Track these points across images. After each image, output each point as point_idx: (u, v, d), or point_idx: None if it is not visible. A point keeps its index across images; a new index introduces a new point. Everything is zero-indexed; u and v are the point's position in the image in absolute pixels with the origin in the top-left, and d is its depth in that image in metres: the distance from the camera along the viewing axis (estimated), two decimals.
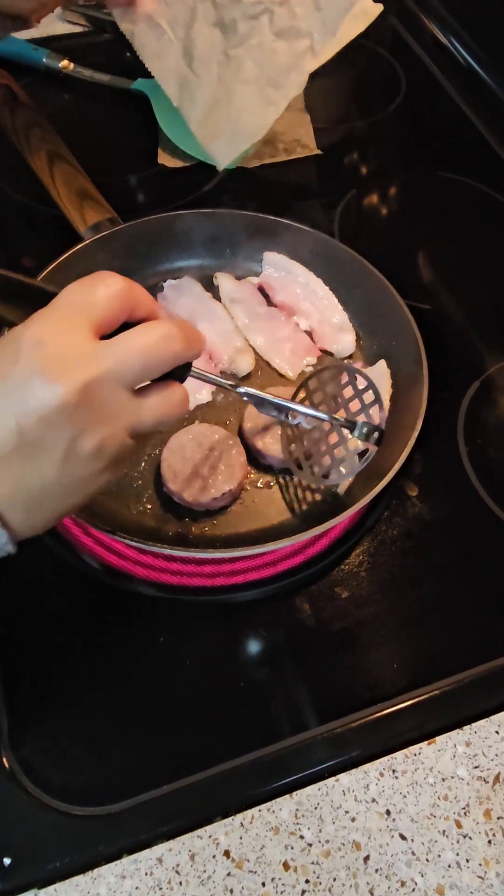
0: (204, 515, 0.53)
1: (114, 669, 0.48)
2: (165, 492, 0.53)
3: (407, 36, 0.95)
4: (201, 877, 0.41)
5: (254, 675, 0.48)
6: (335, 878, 0.42)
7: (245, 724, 0.46)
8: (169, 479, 0.52)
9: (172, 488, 0.52)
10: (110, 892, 0.41)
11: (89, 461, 0.34)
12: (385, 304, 0.62)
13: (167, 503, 0.53)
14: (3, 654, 0.47)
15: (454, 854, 0.42)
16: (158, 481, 0.54)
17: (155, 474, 0.55)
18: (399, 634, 0.50)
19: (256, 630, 0.50)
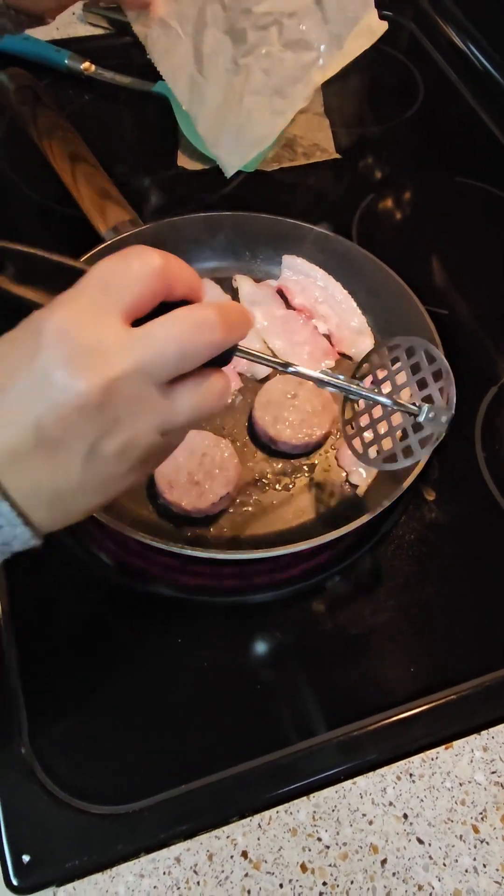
0: (219, 517, 0.53)
1: (132, 670, 0.48)
2: (161, 502, 0.53)
3: (424, 41, 0.95)
4: (219, 877, 0.41)
5: (270, 678, 0.48)
6: (352, 880, 0.42)
7: (262, 726, 0.46)
8: (165, 490, 0.52)
9: (169, 498, 0.52)
10: (129, 890, 0.41)
11: (114, 462, 0.32)
12: (403, 308, 0.62)
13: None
14: (23, 654, 0.48)
15: (471, 859, 0.42)
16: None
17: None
18: (415, 639, 0.50)
19: (273, 633, 0.50)
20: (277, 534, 0.54)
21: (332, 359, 0.63)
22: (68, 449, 0.31)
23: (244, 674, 0.48)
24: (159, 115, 0.81)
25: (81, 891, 0.41)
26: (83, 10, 0.90)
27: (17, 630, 0.48)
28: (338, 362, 0.63)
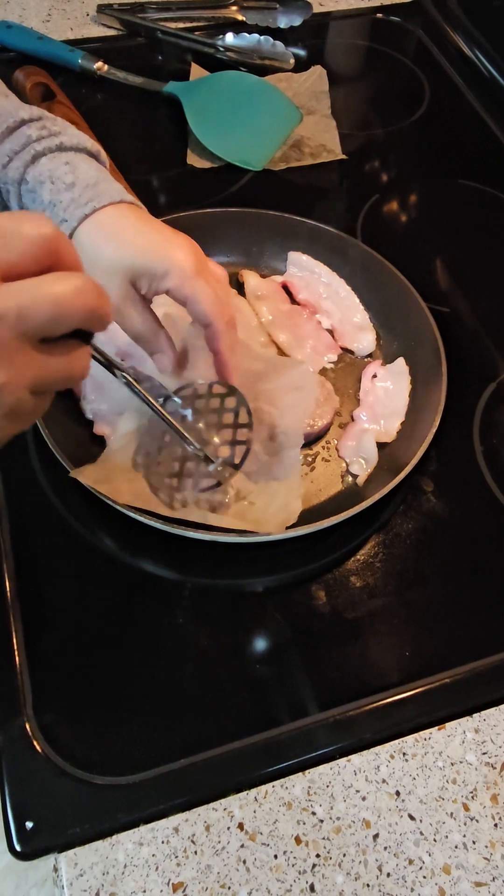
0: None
1: (135, 646, 0.49)
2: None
3: (431, 47, 0.97)
4: (216, 847, 0.43)
5: (270, 658, 0.49)
6: (345, 853, 0.43)
7: (260, 705, 0.48)
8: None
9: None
10: (128, 857, 0.42)
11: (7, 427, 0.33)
12: (405, 305, 0.64)
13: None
14: (27, 627, 0.49)
15: (461, 836, 0.44)
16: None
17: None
18: (411, 624, 0.52)
19: (273, 615, 0.51)
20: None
21: (334, 353, 0.64)
22: None
23: (244, 653, 0.49)
24: (170, 114, 0.82)
25: (82, 857, 0.42)
26: (97, 11, 0.92)
27: (22, 604, 0.50)
28: (340, 356, 0.65)
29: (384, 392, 0.62)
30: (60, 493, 0.55)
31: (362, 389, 0.62)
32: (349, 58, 0.96)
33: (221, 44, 0.88)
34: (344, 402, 0.62)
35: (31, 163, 0.49)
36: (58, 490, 0.55)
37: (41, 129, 0.50)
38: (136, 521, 0.50)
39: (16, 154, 0.49)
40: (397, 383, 0.62)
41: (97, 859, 0.42)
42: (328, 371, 0.64)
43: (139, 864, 0.42)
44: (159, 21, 0.90)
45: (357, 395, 0.62)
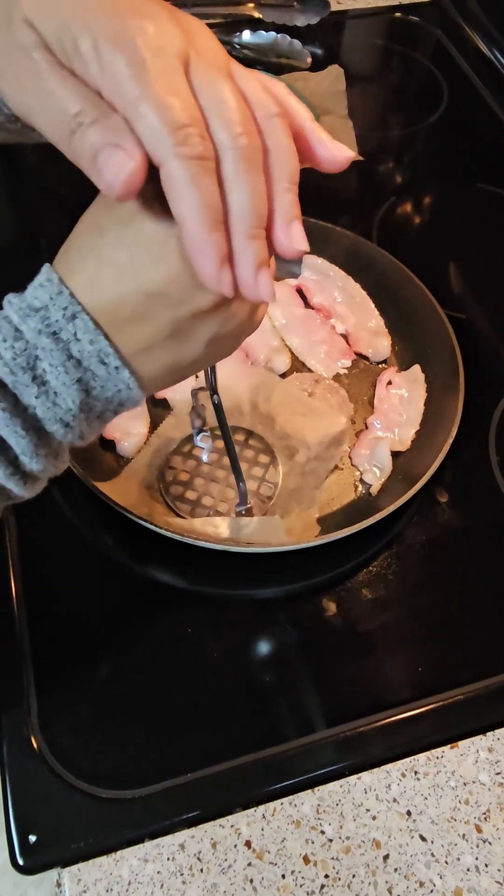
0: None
1: (143, 657, 0.48)
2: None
3: (450, 47, 0.95)
4: (222, 865, 0.42)
5: (279, 671, 0.48)
6: (354, 874, 0.42)
7: (269, 719, 0.47)
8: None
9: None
10: (133, 874, 0.41)
11: (230, 342, 0.35)
12: (422, 310, 0.63)
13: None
14: (34, 639, 0.48)
15: (473, 858, 0.43)
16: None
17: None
18: (424, 638, 0.51)
19: (283, 626, 0.50)
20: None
21: (348, 358, 0.63)
22: (195, 338, 0.33)
23: (254, 666, 0.48)
24: None
25: (86, 872, 0.41)
26: None
27: (29, 614, 0.49)
28: (354, 362, 0.63)
29: (399, 399, 0.60)
30: (69, 498, 0.54)
31: (377, 396, 0.61)
32: (367, 57, 0.95)
33: (238, 41, 0.87)
34: (358, 409, 0.61)
35: None
36: (66, 495, 0.54)
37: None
38: (145, 529, 0.49)
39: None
40: (413, 391, 0.61)
41: (101, 875, 0.41)
42: (342, 377, 0.63)
43: (144, 882, 0.41)
44: None
45: (371, 403, 0.61)
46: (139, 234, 0.31)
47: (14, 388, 0.31)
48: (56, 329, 0.31)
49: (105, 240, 0.32)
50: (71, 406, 0.32)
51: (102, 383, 0.33)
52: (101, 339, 0.32)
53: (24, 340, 0.31)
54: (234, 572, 0.52)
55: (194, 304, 0.32)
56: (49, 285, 0.32)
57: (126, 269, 0.31)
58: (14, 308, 0.32)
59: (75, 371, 0.32)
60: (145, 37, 0.28)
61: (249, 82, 0.31)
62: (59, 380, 0.31)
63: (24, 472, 0.33)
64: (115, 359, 0.32)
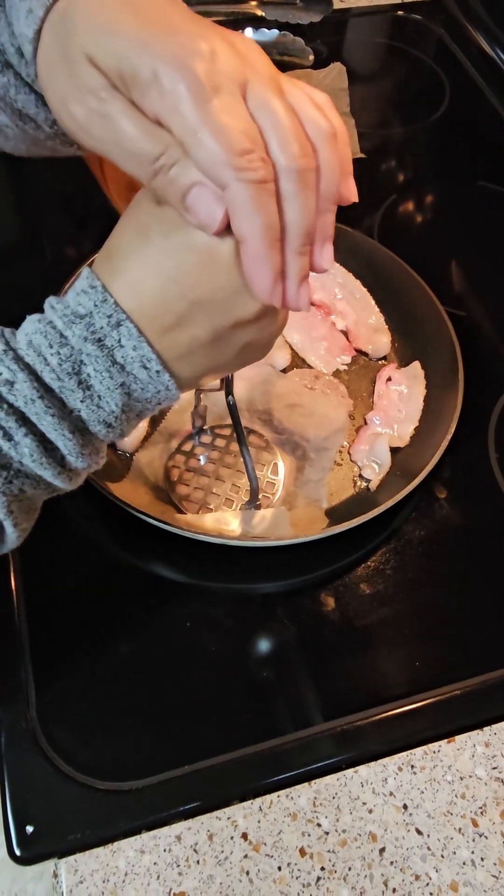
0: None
1: (141, 650, 0.49)
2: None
3: (453, 45, 0.95)
4: (218, 857, 0.42)
5: (277, 665, 0.49)
6: (350, 867, 0.42)
7: (267, 712, 0.47)
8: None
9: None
10: (129, 865, 0.41)
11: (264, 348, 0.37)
12: (422, 307, 0.63)
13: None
14: (33, 631, 0.48)
15: (469, 852, 0.43)
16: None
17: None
18: (422, 634, 0.51)
19: (281, 621, 0.51)
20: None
21: (348, 355, 0.63)
22: (233, 345, 0.34)
23: (252, 660, 0.49)
24: None
25: (83, 863, 0.41)
26: None
27: (28, 606, 0.49)
28: (354, 358, 0.64)
29: (398, 396, 0.61)
30: (68, 493, 0.54)
31: (376, 393, 0.61)
32: (369, 55, 0.95)
33: None
34: (357, 406, 0.61)
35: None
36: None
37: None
38: (144, 523, 0.49)
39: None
40: (412, 387, 0.61)
41: (98, 866, 0.41)
42: (342, 373, 0.63)
43: (140, 873, 0.41)
44: None
45: (371, 399, 0.61)
46: (188, 243, 0.31)
47: (60, 392, 0.32)
48: (101, 336, 0.32)
49: (151, 245, 0.32)
50: (114, 409, 0.33)
51: (143, 386, 0.33)
52: (144, 345, 0.32)
53: (70, 346, 0.32)
54: (233, 567, 0.52)
55: (238, 314, 0.33)
56: (93, 292, 0.32)
57: (173, 277, 0.32)
58: (58, 314, 0.32)
59: (119, 376, 0.32)
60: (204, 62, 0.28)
61: (299, 98, 0.31)
62: (103, 384, 0.32)
63: (70, 470, 0.34)
64: (156, 363, 0.33)
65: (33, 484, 0.34)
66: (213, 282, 0.32)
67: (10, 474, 0.33)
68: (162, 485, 0.55)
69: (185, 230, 0.31)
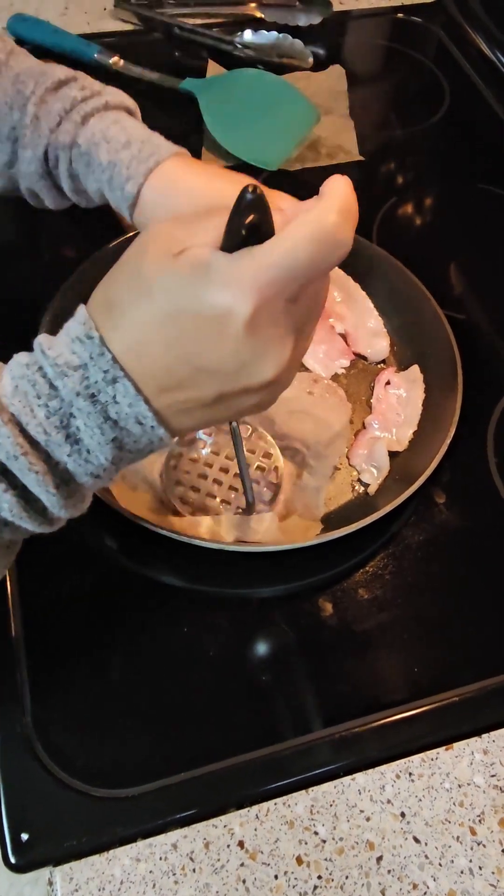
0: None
1: (137, 656, 0.48)
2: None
3: (452, 48, 0.95)
4: (215, 865, 0.42)
5: (275, 671, 0.48)
6: (347, 875, 0.42)
7: (264, 719, 0.46)
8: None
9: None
10: (125, 873, 0.41)
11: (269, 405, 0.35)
12: (421, 311, 0.62)
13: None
14: (28, 636, 0.48)
15: (467, 860, 0.42)
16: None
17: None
18: (420, 639, 0.50)
19: (279, 626, 0.50)
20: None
21: (347, 358, 0.63)
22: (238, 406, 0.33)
23: (249, 665, 0.48)
24: (185, 111, 0.81)
25: (78, 872, 0.41)
26: (114, 5, 0.90)
27: (24, 612, 0.49)
28: (353, 362, 0.63)
29: (397, 400, 0.60)
30: None
31: (375, 396, 0.61)
32: (368, 58, 0.94)
33: (239, 41, 0.87)
34: (356, 410, 0.61)
35: (81, 124, 0.47)
36: None
37: (83, 90, 0.49)
38: (142, 528, 0.49)
39: (65, 115, 0.47)
40: (411, 391, 0.60)
41: (93, 874, 0.41)
42: (340, 377, 0.62)
43: (136, 881, 0.41)
44: (177, 16, 0.89)
45: (369, 403, 0.61)
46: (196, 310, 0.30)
47: (46, 445, 0.31)
48: (95, 391, 0.30)
49: (155, 306, 0.30)
50: (104, 462, 0.32)
51: (136, 439, 0.32)
52: (140, 403, 0.31)
53: (60, 399, 0.30)
54: (231, 571, 0.52)
55: (247, 382, 0.31)
56: (90, 343, 0.30)
57: (177, 342, 0.30)
58: (49, 361, 0.30)
59: (111, 431, 0.31)
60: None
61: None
62: (93, 440, 0.31)
63: (51, 520, 0.34)
64: (152, 420, 0.31)
65: (12, 531, 0.33)
66: (221, 351, 0.30)
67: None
68: (158, 484, 0.54)
69: (192, 294, 0.29)
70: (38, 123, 0.48)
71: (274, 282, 0.29)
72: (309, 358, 0.63)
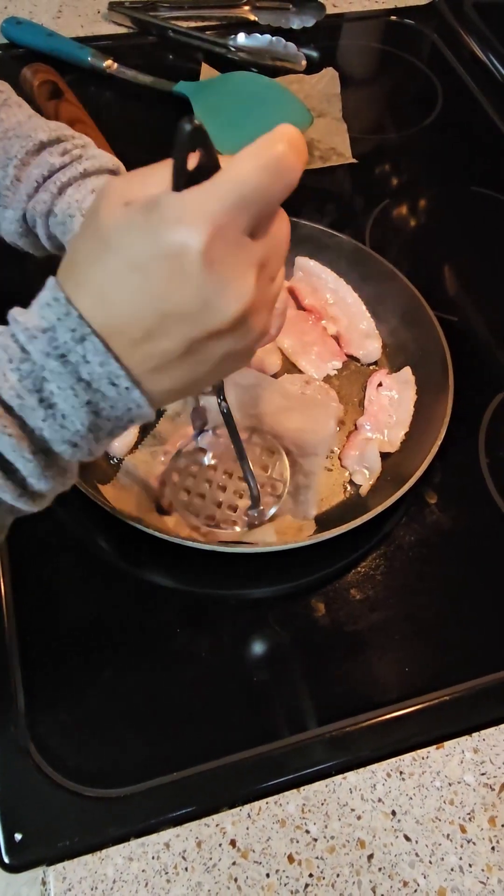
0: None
1: (130, 656, 0.49)
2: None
3: (445, 50, 0.96)
4: (207, 864, 0.42)
5: (267, 671, 0.49)
6: (338, 874, 0.42)
7: (256, 719, 0.47)
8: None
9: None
10: (117, 873, 0.41)
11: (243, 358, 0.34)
12: (413, 313, 0.63)
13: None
14: (23, 636, 0.48)
15: (457, 858, 0.43)
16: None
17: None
18: (411, 639, 0.51)
19: (271, 627, 0.51)
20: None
21: (339, 360, 0.63)
22: (210, 355, 0.32)
23: (241, 666, 0.49)
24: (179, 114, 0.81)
25: (71, 871, 0.41)
26: (108, 8, 0.91)
27: (17, 612, 0.49)
28: (345, 364, 0.64)
29: (389, 401, 0.61)
30: (58, 497, 0.54)
31: (367, 398, 0.61)
32: (362, 60, 0.95)
33: (233, 44, 0.87)
34: (348, 411, 0.61)
35: (57, 195, 0.48)
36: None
37: (63, 155, 0.48)
38: (134, 529, 0.49)
39: (42, 183, 0.48)
40: (403, 392, 0.61)
41: (86, 874, 0.41)
42: (332, 378, 0.63)
43: (128, 880, 0.41)
44: (171, 20, 0.90)
45: (361, 404, 0.61)
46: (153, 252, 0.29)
47: (20, 410, 0.31)
48: (64, 351, 0.30)
49: (114, 254, 0.30)
50: (79, 427, 0.32)
51: (112, 404, 0.32)
52: (111, 361, 0.30)
53: (31, 362, 0.30)
54: (223, 572, 0.52)
55: (211, 323, 0.31)
56: (56, 305, 0.30)
57: (140, 288, 0.30)
58: (20, 327, 0.31)
59: (84, 394, 0.31)
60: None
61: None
62: (67, 403, 0.31)
63: (32, 493, 0.33)
64: (125, 380, 0.31)
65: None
66: (182, 291, 0.30)
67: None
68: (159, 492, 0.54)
69: (146, 237, 0.29)
70: (18, 186, 0.48)
71: (224, 211, 0.29)
72: (301, 359, 0.63)
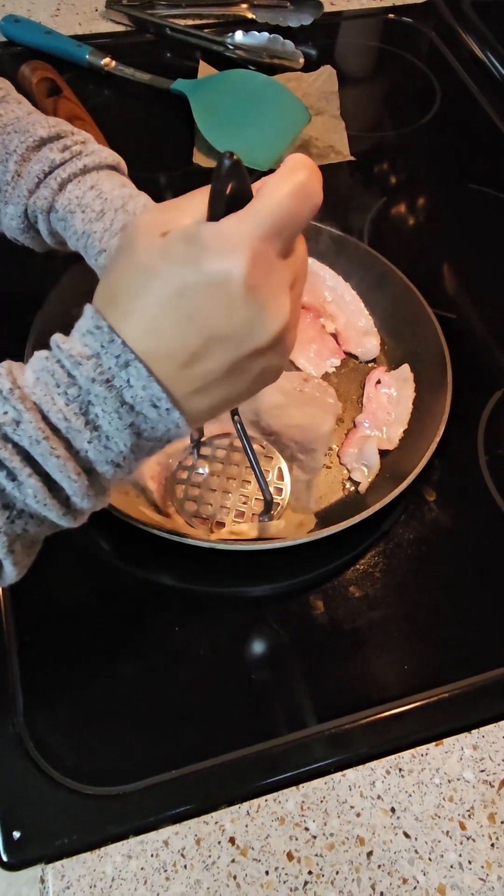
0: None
1: (129, 654, 0.48)
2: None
3: (443, 48, 0.96)
4: (206, 862, 0.42)
5: (265, 669, 0.49)
6: (338, 871, 0.42)
7: (254, 716, 0.47)
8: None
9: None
10: (116, 870, 0.41)
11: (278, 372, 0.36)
12: (411, 310, 0.63)
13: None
14: (21, 634, 0.48)
15: (457, 855, 0.43)
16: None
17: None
18: (410, 637, 0.51)
19: (270, 624, 0.51)
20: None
21: (337, 357, 0.63)
22: (249, 374, 0.34)
23: (240, 664, 0.49)
24: (176, 112, 0.81)
25: (70, 869, 0.41)
26: (106, 6, 0.91)
27: (16, 610, 0.49)
28: (343, 361, 0.64)
29: (388, 398, 0.61)
30: None
31: (365, 395, 0.61)
32: (360, 58, 0.95)
33: (231, 42, 0.87)
34: (346, 408, 0.61)
35: (58, 191, 0.48)
36: None
37: (63, 151, 0.49)
38: (132, 527, 0.49)
39: (43, 179, 0.48)
40: (401, 390, 0.61)
41: (85, 871, 0.41)
42: (331, 376, 0.63)
43: (127, 878, 0.41)
44: (168, 18, 0.90)
45: (360, 401, 0.61)
46: (201, 278, 0.31)
47: (67, 432, 0.32)
48: (109, 377, 0.32)
49: (161, 283, 0.31)
50: (123, 448, 0.33)
51: (153, 425, 0.33)
52: (153, 384, 0.32)
53: (78, 386, 0.32)
54: (221, 570, 0.52)
55: (255, 343, 0.32)
56: (99, 333, 0.32)
57: (188, 314, 0.31)
58: (64, 354, 0.32)
59: (128, 416, 0.32)
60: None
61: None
62: (111, 425, 0.32)
63: (74, 511, 0.34)
64: (166, 402, 0.32)
65: (37, 524, 0.34)
66: (227, 316, 0.31)
67: (14, 514, 0.33)
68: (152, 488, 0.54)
69: (193, 266, 0.31)
70: (18, 181, 0.49)
71: (262, 238, 0.31)
72: (300, 357, 0.63)
